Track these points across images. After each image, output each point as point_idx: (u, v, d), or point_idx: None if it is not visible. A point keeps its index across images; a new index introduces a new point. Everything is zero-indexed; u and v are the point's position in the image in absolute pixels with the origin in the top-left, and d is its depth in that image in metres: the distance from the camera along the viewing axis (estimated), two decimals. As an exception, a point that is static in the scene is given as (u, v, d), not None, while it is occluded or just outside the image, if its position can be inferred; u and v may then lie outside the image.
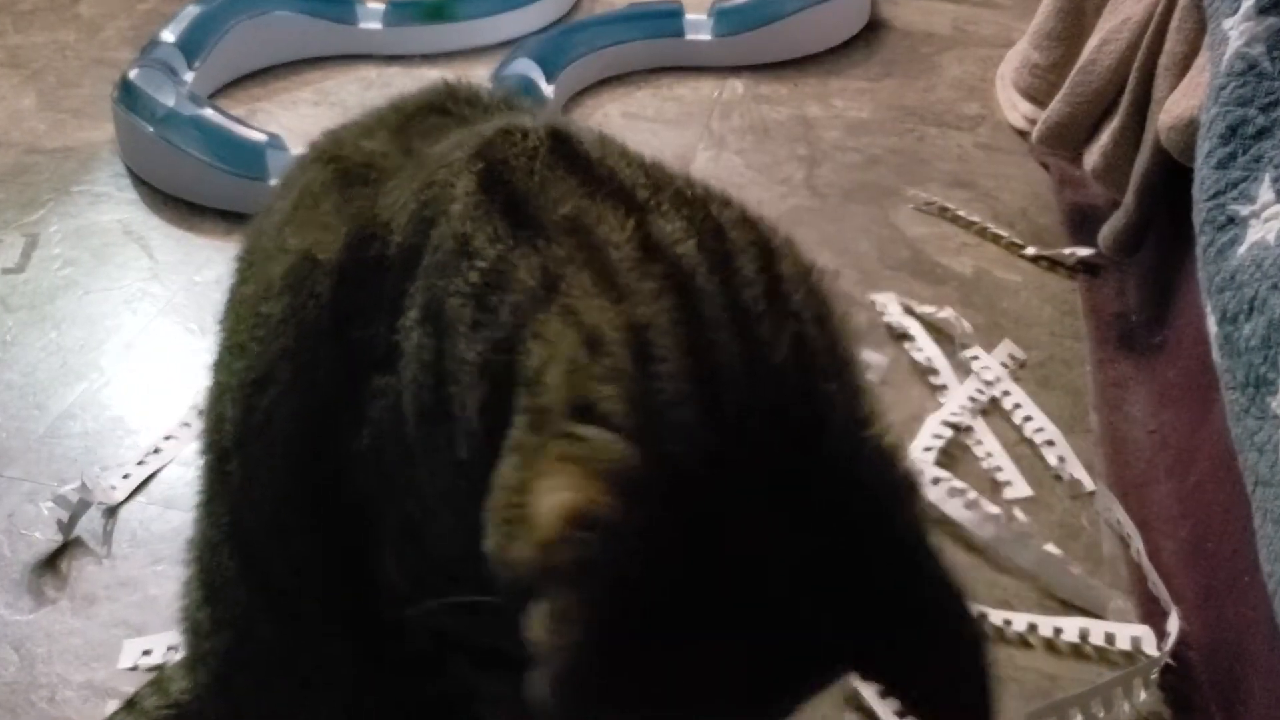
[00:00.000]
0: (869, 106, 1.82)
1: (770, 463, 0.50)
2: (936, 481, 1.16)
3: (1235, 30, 1.08)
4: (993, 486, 1.19)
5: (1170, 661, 1.00)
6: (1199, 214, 1.03)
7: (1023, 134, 1.71)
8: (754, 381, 0.52)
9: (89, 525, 1.13)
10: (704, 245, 0.55)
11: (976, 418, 1.26)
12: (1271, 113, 1.02)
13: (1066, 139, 1.54)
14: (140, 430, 1.24)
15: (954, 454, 1.22)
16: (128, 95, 1.63)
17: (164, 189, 1.60)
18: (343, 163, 0.66)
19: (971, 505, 1.14)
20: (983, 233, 1.55)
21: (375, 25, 1.93)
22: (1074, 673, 1.02)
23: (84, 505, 1.13)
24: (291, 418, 0.65)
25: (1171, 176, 1.26)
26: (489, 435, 0.54)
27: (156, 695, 0.87)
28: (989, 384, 1.30)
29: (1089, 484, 1.18)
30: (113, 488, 1.17)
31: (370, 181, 0.64)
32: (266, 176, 1.55)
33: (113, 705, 0.96)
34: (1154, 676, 0.99)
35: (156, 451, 1.22)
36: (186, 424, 1.25)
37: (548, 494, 0.50)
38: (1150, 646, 1.03)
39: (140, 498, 1.17)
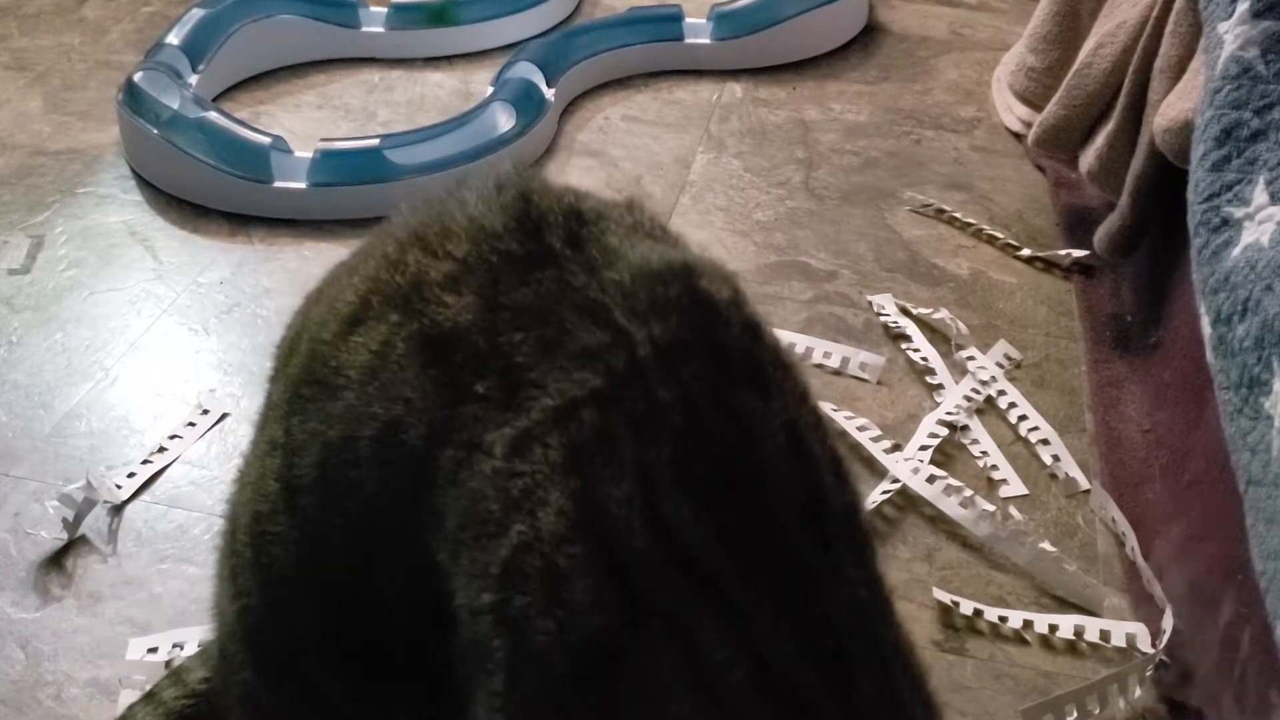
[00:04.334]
0: (866, 109, 1.83)
1: None
2: (933, 480, 1.17)
3: (1230, 34, 1.09)
4: (988, 485, 1.20)
5: (1164, 659, 1.01)
6: (1193, 216, 1.03)
7: (1018, 137, 1.72)
8: None
9: (94, 524, 1.14)
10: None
11: (972, 417, 1.27)
12: (1266, 116, 1.03)
13: (1062, 142, 1.55)
14: (145, 430, 1.25)
15: (950, 453, 1.23)
16: (132, 98, 1.64)
17: (168, 191, 1.61)
18: (425, 325, 0.60)
19: (967, 503, 1.15)
20: (979, 234, 1.56)
21: (378, 29, 1.93)
22: (1069, 669, 1.02)
23: (89, 504, 1.14)
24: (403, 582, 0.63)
25: (1166, 179, 1.27)
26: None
27: (175, 686, 0.87)
28: (985, 384, 1.31)
29: (1084, 483, 1.19)
30: (118, 486, 1.18)
31: (455, 365, 0.59)
32: (270, 179, 1.56)
33: (128, 696, 0.96)
34: (1148, 673, 1.00)
35: (161, 450, 1.22)
36: (191, 423, 1.26)
37: None
38: (1144, 644, 1.03)
39: (145, 496, 1.18)
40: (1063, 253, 1.50)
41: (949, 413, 1.27)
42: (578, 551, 0.53)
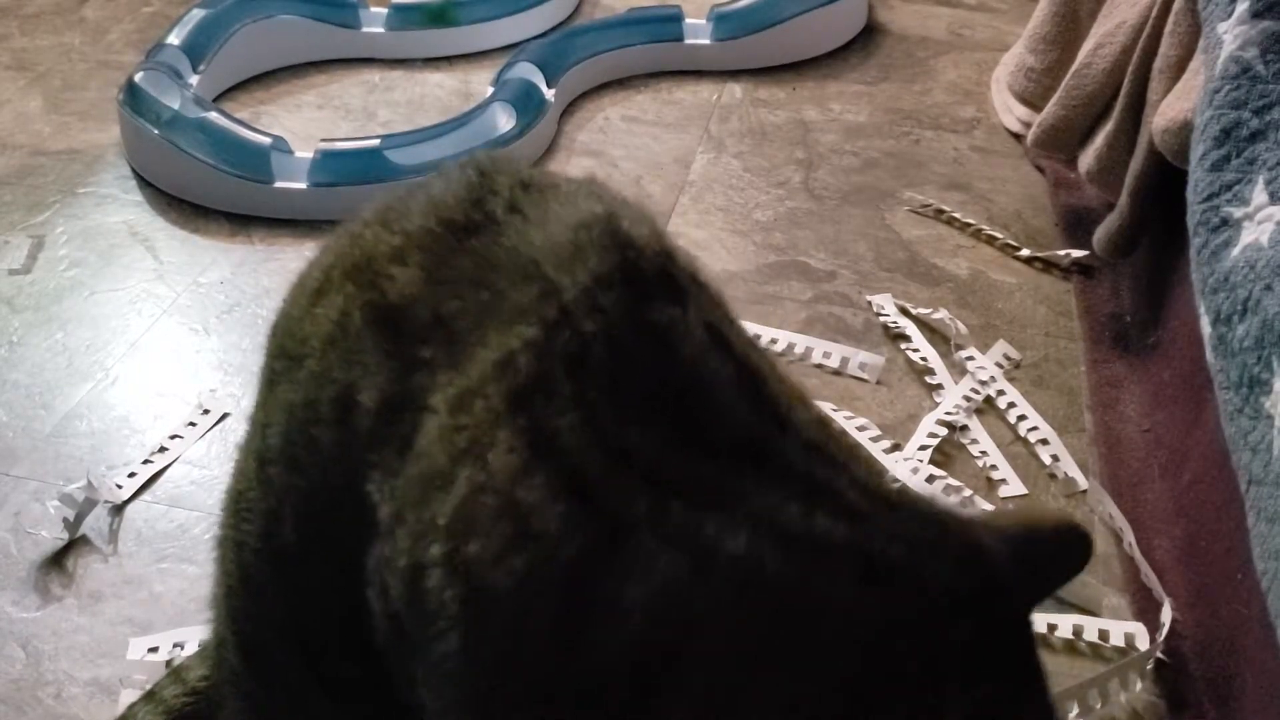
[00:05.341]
0: (866, 110, 1.83)
1: None
2: (932, 480, 1.17)
3: (1229, 34, 1.09)
4: (988, 485, 1.20)
5: (1164, 658, 1.01)
6: (1193, 216, 1.03)
7: (1018, 137, 1.72)
8: None
9: (95, 524, 1.14)
10: None
11: (972, 417, 1.27)
12: (1265, 116, 1.03)
13: (1061, 142, 1.55)
14: (145, 430, 1.26)
15: (950, 453, 1.23)
16: (133, 98, 1.64)
17: (169, 191, 1.61)
18: (376, 297, 0.62)
19: (967, 503, 1.15)
20: (978, 235, 1.56)
21: (378, 29, 1.94)
22: (1067, 669, 1.02)
23: (90, 504, 1.14)
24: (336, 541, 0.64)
25: (1165, 179, 1.27)
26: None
27: (175, 685, 0.88)
28: (984, 384, 1.31)
29: (1083, 483, 1.19)
30: (118, 486, 1.18)
31: (404, 335, 0.61)
32: (271, 179, 1.56)
33: (129, 695, 0.97)
34: (1149, 668, 1.00)
35: (161, 450, 1.23)
36: (192, 423, 1.26)
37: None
38: (1143, 643, 1.03)
39: (145, 496, 1.18)
40: (1062, 253, 1.50)
41: (948, 413, 1.27)
42: (539, 481, 0.53)
